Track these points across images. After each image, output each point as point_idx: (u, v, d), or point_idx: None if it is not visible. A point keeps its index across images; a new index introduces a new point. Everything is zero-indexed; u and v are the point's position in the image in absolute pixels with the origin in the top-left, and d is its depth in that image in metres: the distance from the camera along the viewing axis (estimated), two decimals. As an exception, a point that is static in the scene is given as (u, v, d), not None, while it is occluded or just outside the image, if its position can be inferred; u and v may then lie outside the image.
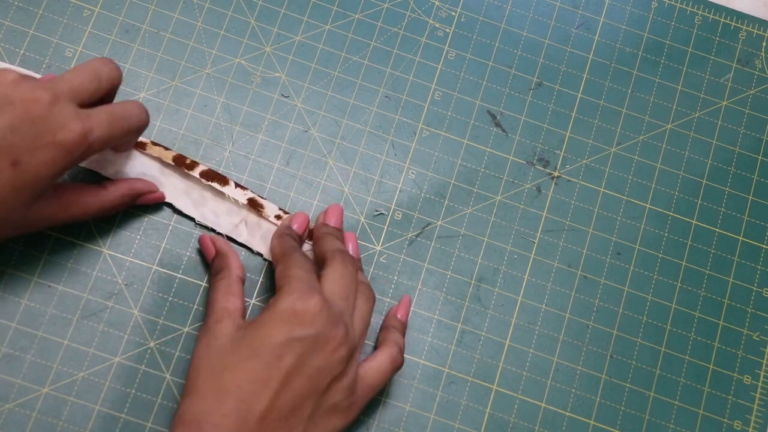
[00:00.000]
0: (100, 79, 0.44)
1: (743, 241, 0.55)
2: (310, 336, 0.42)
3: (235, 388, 0.41)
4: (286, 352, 0.41)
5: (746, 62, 0.58)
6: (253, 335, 0.42)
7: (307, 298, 0.42)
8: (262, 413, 0.41)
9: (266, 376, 0.41)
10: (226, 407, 0.41)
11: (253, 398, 0.41)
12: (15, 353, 0.48)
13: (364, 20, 0.56)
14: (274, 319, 0.42)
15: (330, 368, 0.42)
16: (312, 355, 0.42)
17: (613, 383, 0.51)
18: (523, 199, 0.54)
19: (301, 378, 0.42)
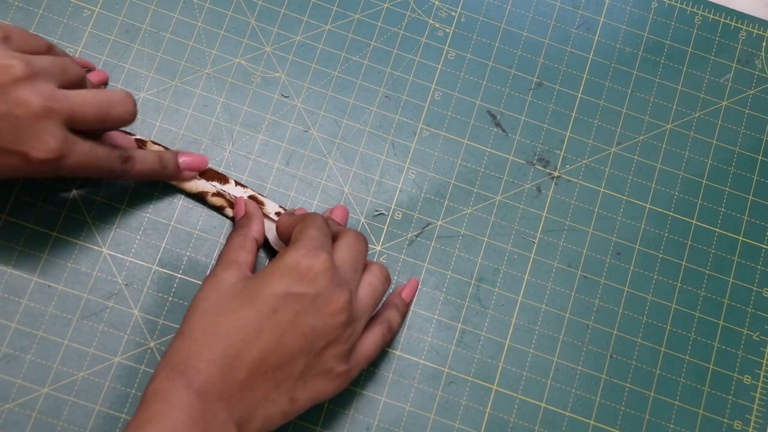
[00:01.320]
0: (106, 118, 0.44)
1: (743, 241, 0.55)
2: (309, 294, 0.42)
3: (224, 334, 0.41)
4: (282, 305, 0.41)
5: (746, 62, 0.58)
6: (253, 285, 0.42)
7: (313, 256, 0.42)
8: (250, 363, 0.41)
9: (258, 327, 0.41)
10: (214, 352, 0.40)
11: (242, 346, 0.41)
12: (15, 353, 0.48)
13: (364, 20, 0.56)
14: (276, 271, 0.42)
15: (326, 331, 0.42)
16: (308, 313, 0.42)
17: (613, 383, 0.51)
18: (523, 199, 0.54)
19: (295, 335, 0.41)
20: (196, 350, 0.41)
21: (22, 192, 0.51)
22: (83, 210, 0.51)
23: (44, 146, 0.41)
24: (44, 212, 0.50)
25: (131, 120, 0.45)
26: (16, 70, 0.40)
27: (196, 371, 0.40)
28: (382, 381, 0.50)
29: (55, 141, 0.41)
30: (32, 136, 0.40)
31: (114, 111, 0.44)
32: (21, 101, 0.40)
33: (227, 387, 0.40)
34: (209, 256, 0.51)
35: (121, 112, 0.44)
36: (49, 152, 0.41)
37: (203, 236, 0.51)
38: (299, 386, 0.42)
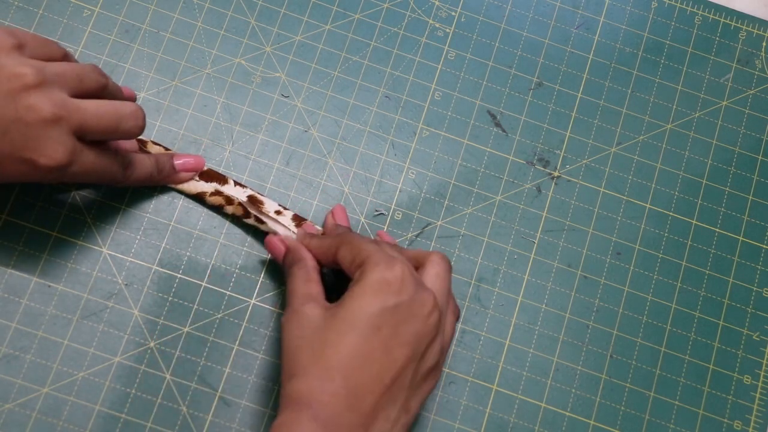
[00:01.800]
0: (115, 131, 0.44)
1: (743, 241, 0.55)
2: (403, 303, 0.42)
3: (338, 365, 0.41)
4: (383, 322, 0.41)
5: (746, 62, 0.58)
6: (346, 310, 0.42)
7: (393, 267, 0.42)
8: (370, 389, 0.41)
9: (368, 350, 0.41)
10: (335, 385, 0.40)
11: (359, 373, 0.41)
12: (15, 353, 0.48)
13: (364, 20, 0.56)
14: (365, 291, 0.42)
15: (426, 333, 0.42)
16: (408, 322, 0.42)
17: (613, 383, 0.51)
18: (523, 199, 0.54)
19: (401, 347, 0.41)
20: (317, 386, 0.40)
21: (22, 192, 0.51)
22: (83, 210, 0.51)
23: (53, 154, 0.41)
24: (44, 212, 0.50)
25: (138, 134, 0.45)
26: (28, 77, 0.40)
27: (322, 405, 0.40)
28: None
29: (63, 150, 0.41)
30: (41, 144, 0.40)
31: (123, 125, 0.44)
32: (32, 108, 0.40)
33: (353, 417, 0.40)
34: (209, 256, 0.51)
35: (131, 127, 0.44)
36: (57, 161, 0.41)
37: (203, 236, 0.51)
38: (410, 394, 0.42)
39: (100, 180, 0.45)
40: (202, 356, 0.49)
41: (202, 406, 0.48)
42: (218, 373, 0.49)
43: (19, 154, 0.41)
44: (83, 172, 0.43)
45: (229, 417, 0.48)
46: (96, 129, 0.42)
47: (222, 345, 0.49)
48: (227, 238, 0.51)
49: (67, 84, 0.42)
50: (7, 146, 0.40)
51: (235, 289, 0.51)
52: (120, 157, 0.46)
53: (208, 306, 0.50)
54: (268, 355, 0.50)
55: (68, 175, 0.42)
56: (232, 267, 0.51)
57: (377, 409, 0.41)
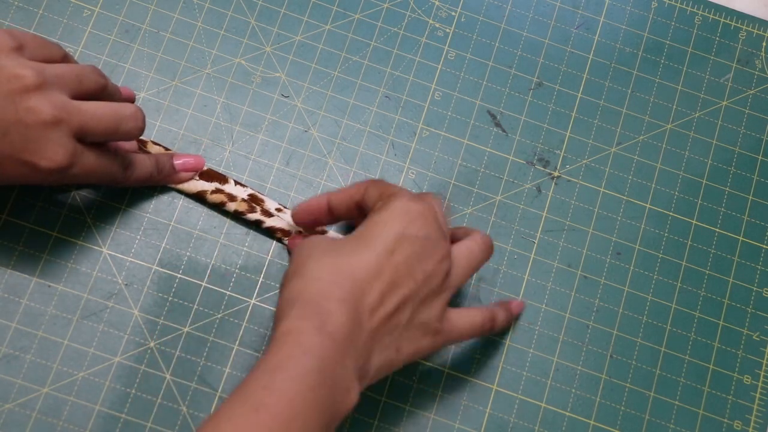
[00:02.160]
0: (115, 132, 0.44)
1: (743, 241, 0.55)
2: (421, 236, 0.42)
3: (349, 273, 0.41)
4: (398, 247, 0.41)
5: (746, 62, 0.58)
6: (365, 230, 0.42)
7: (420, 200, 0.43)
8: (372, 306, 0.40)
9: (378, 268, 0.41)
10: (342, 291, 0.40)
11: (366, 287, 0.41)
12: (15, 353, 0.48)
13: (364, 20, 0.56)
14: (387, 216, 0.42)
15: (434, 277, 0.42)
16: (421, 257, 0.42)
17: (613, 383, 0.51)
18: (523, 199, 0.54)
19: (408, 278, 0.41)
20: (325, 289, 0.40)
21: (22, 192, 0.51)
22: (83, 210, 0.51)
23: (53, 156, 0.41)
24: (44, 212, 0.50)
25: (138, 135, 0.45)
26: (28, 79, 0.40)
27: (328, 312, 0.39)
28: (382, 381, 0.50)
29: (63, 152, 0.41)
30: (41, 146, 0.40)
31: (123, 126, 0.44)
32: (32, 110, 0.40)
33: (355, 331, 0.40)
34: (209, 256, 0.51)
35: (131, 128, 0.44)
36: (57, 163, 0.41)
37: (203, 236, 0.51)
38: (404, 336, 0.42)
39: (101, 180, 0.45)
40: (202, 356, 0.49)
41: (202, 406, 0.48)
42: (218, 373, 0.49)
43: (20, 156, 0.41)
44: (84, 174, 0.43)
45: (229, 417, 0.48)
46: (96, 131, 0.42)
47: (222, 345, 0.49)
48: (227, 238, 0.51)
49: (66, 85, 0.42)
50: (7, 148, 0.40)
51: (235, 289, 0.51)
52: (120, 157, 0.46)
53: (208, 306, 0.50)
54: (268, 355, 0.50)
55: (69, 176, 0.42)
56: (232, 267, 0.51)
57: (374, 330, 0.41)
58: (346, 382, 0.39)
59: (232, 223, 0.51)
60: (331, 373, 0.39)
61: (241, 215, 0.51)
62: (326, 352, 0.39)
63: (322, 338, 0.39)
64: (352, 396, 0.39)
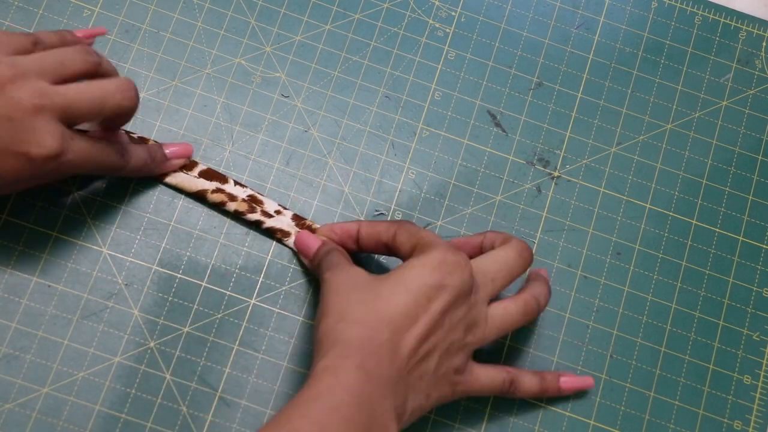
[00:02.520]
0: (103, 107, 0.43)
1: (743, 241, 0.55)
2: (457, 287, 0.42)
3: (389, 318, 0.41)
4: (437, 296, 0.42)
5: (746, 62, 0.58)
6: (402, 274, 0.42)
7: (455, 252, 0.43)
8: (410, 350, 0.41)
9: (416, 314, 0.41)
10: (382, 336, 0.40)
11: (405, 332, 0.41)
12: (15, 353, 0.48)
13: (364, 20, 0.56)
14: (426, 264, 0.42)
15: (458, 329, 0.43)
16: (457, 306, 0.42)
17: (613, 383, 0.51)
18: (523, 199, 0.54)
19: (443, 327, 0.42)
20: (366, 335, 0.40)
21: (22, 192, 0.50)
22: (83, 210, 0.51)
23: (42, 143, 0.40)
24: (44, 212, 0.50)
25: (131, 107, 0.44)
26: (1, 74, 0.40)
27: (370, 354, 0.40)
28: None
29: (52, 137, 0.41)
30: (29, 135, 0.40)
31: (110, 101, 0.43)
32: (11, 102, 0.40)
33: (394, 372, 0.40)
34: (209, 256, 0.51)
35: (118, 101, 0.43)
36: (48, 149, 0.41)
37: (203, 236, 0.51)
38: (432, 382, 0.43)
39: (100, 168, 0.45)
40: (202, 356, 0.49)
41: (202, 406, 0.48)
42: (218, 373, 0.49)
43: (12, 149, 0.40)
44: (80, 161, 0.43)
45: (229, 417, 0.48)
46: (81, 110, 0.42)
47: (222, 345, 0.49)
48: (227, 238, 0.51)
49: (45, 72, 0.42)
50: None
51: (235, 289, 0.51)
52: (115, 144, 0.46)
53: (208, 306, 0.50)
54: (268, 355, 0.50)
55: (65, 165, 0.42)
56: (232, 267, 0.51)
57: (411, 373, 0.41)
58: (385, 420, 0.40)
59: (232, 223, 0.51)
60: (368, 409, 0.39)
61: (241, 215, 0.51)
62: (365, 388, 0.39)
63: (360, 375, 0.39)
64: None
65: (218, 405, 0.49)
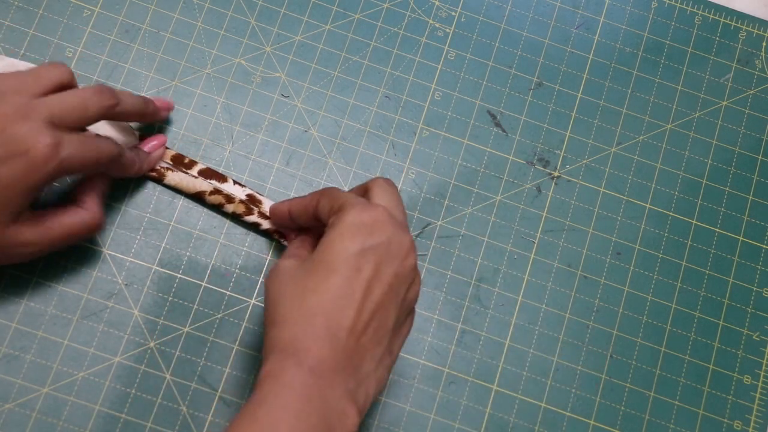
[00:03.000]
0: (86, 107, 0.44)
1: (743, 241, 0.55)
2: (382, 243, 0.42)
3: (320, 308, 0.41)
4: (363, 262, 0.41)
5: (746, 62, 0.58)
6: (324, 254, 0.42)
7: (371, 209, 0.42)
8: (350, 327, 0.40)
9: (349, 291, 0.41)
10: (317, 329, 0.40)
11: (339, 314, 0.40)
12: (15, 353, 0.48)
13: (364, 20, 0.56)
14: (343, 233, 0.42)
15: (405, 275, 0.42)
16: (387, 263, 0.42)
17: (613, 383, 0.51)
18: (523, 199, 0.54)
19: (381, 287, 0.41)
20: (299, 331, 0.40)
21: (22, 192, 0.50)
22: (83, 210, 0.51)
23: (36, 142, 0.41)
24: (44, 212, 0.50)
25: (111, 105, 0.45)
26: None
27: (306, 350, 0.40)
28: (382, 381, 0.50)
29: (44, 136, 0.41)
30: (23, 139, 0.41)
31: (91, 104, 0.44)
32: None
33: (338, 359, 0.40)
34: (209, 256, 0.51)
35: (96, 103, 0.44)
36: (44, 143, 0.41)
37: (203, 236, 0.51)
38: (393, 336, 0.43)
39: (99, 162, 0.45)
40: (202, 356, 0.49)
41: (202, 406, 0.48)
42: (218, 373, 0.49)
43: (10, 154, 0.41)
44: (79, 154, 0.43)
45: (229, 417, 0.48)
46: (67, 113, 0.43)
47: (222, 345, 0.49)
48: (227, 238, 0.51)
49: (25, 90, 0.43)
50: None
51: (235, 289, 0.51)
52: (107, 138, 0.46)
53: (208, 306, 0.50)
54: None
55: (67, 162, 0.42)
56: (232, 267, 0.51)
57: (362, 350, 0.41)
58: (341, 407, 0.39)
59: (232, 223, 0.51)
60: (318, 402, 0.39)
61: (240, 217, 0.51)
62: (308, 382, 0.39)
63: (302, 372, 0.39)
64: (351, 419, 0.40)
65: (218, 405, 0.49)
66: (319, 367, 0.39)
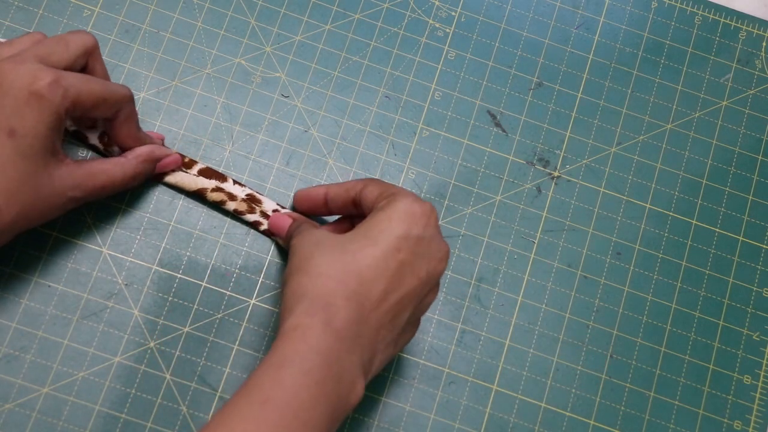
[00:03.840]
0: (67, 43, 0.44)
1: (743, 241, 0.55)
2: (425, 237, 0.42)
3: (356, 271, 0.41)
4: (404, 246, 0.41)
5: (746, 62, 0.58)
6: (369, 228, 0.42)
7: (423, 203, 0.43)
8: (378, 303, 0.41)
9: (385, 265, 0.41)
10: (348, 289, 0.40)
11: (371, 285, 0.41)
12: (15, 353, 0.48)
13: (364, 20, 0.56)
14: (392, 216, 0.42)
15: (434, 277, 0.43)
16: (423, 257, 0.42)
17: (613, 383, 0.51)
18: (523, 199, 0.54)
19: (413, 277, 0.42)
20: (332, 287, 0.40)
21: (22, 192, 0.50)
22: (83, 210, 0.51)
23: (36, 78, 0.41)
24: (44, 212, 0.50)
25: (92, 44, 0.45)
26: None
27: (336, 309, 0.40)
28: (382, 381, 0.50)
29: (43, 71, 0.41)
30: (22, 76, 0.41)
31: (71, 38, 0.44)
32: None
33: (361, 327, 0.40)
34: (209, 256, 0.51)
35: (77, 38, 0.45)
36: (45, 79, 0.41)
37: (203, 236, 0.51)
38: (403, 330, 0.43)
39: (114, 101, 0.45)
40: (202, 356, 0.49)
41: (202, 406, 0.48)
42: (218, 373, 0.49)
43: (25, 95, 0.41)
44: (88, 89, 0.43)
45: (229, 417, 0.48)
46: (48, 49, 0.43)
47: (222, 345, 0.49)
48: (227, 238, 0.51)
49: None
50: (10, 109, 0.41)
51: (235, 289, 0.51)
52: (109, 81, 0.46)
53: (208, 306, 0.50)
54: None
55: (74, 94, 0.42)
56: (232, 267, 0.51)
57: (379, 325, 0.41)
58: (352, 376, 0.40)
59: (232, 223, 0.51)
60: (336, 367, 0.39)
61: (241, 215, 0.51)
62: (332, 347, 0.39)
63: (328, 334, 0.39)
64: (358, 390, 0.40)
65: (218, 405, 0.49)
66: (344, 331, 0.39)
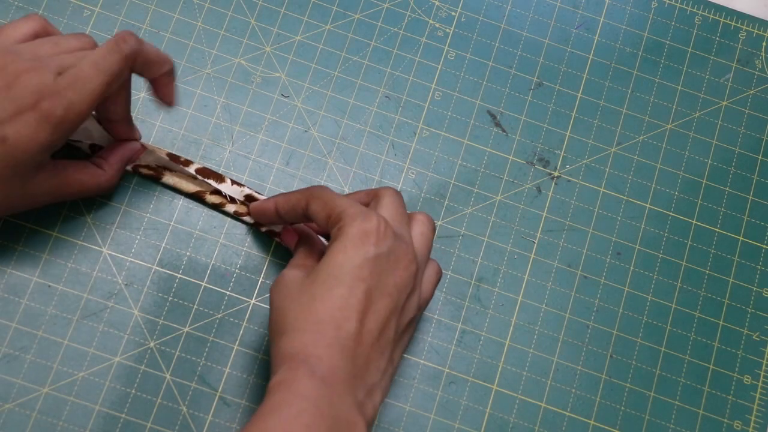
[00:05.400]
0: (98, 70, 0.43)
1: (743, 241, 0.55)
2: (383, 253, 0.42)
3: (329, 317, 0.41)
4: (365, 273, 0.41)
5: (746, 62, 0.58)
6: (330, 265, 0.42)
7: (370, 219, 0.42)
8: (359, 338, 0.41)
9: (354, 301, 0.41)
10: (327, 337, 0.40)
11: (348, 324, 0.41)
12: (15, 353, 0.48)
13: (364, 20, 0.56)
14: (346, 245, 0.42)
15: (405, 285, 0.43)
16: (388, 273, 0.42)
17: (613, 383, 0.51)
18: (523, 199, 0.54)
19: (383, 297, 0.42)
20: (310, 339, 0.40)
21: (22, 192, 0.51)
22: (83, 210, 0.51)
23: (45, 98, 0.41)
24: (44, 212, 0.50)
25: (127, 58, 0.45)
26: None
27: (318, 358, 0.40)
28: (382, 381, 0.50)
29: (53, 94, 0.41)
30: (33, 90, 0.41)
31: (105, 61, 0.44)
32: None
33: (348, 369, 0.40)
34: (209, 256, 0.51)
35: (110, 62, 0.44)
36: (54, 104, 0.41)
37: (203, 236, 0.51)
38: (394, 346, 0.43)
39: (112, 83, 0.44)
40: (202, 356, 0.49)
41: (202, 406, 0.48)
42: (218, 373, 0.49)
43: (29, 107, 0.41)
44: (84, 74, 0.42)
45: (229, 417, 0.48)
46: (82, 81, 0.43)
47: (222, 345, 0.49)
48: (227, 238, 0.51)
49: None
50: None
51: (235, 289, 0.51)
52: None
53: (208, 306, 0.50)
54: (268, 356, 0.49)
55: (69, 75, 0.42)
56: (232, 267, 0.51)
57: (368, 360, 0.41)
58: (350, 418, 0.39)
59: (233, 223, 0.52)
60: (330, 411, 0.39)
61: (241, 216, 0.51)
62: (321, 393, 0.39)
63: (314, 382, 0.39)
64: (359, 430, 0.40)
65: (218, 405, 0.49)
66: (331, 377, 0.39)
